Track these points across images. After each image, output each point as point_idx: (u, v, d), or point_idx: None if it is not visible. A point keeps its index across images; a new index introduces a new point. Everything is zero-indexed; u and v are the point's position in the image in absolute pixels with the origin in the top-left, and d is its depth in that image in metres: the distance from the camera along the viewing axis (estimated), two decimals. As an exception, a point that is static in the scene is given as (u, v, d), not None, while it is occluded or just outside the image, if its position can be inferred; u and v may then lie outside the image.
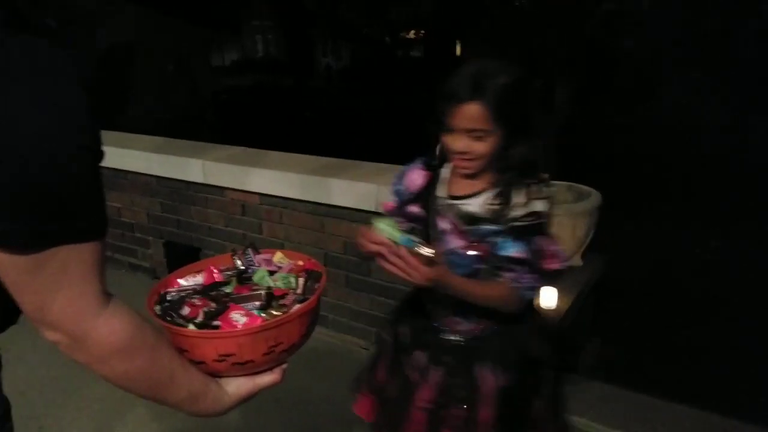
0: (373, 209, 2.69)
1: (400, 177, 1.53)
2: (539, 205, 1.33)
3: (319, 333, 2.91)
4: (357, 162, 3.05)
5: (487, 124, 1.28)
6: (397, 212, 1.52)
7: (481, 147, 1.32)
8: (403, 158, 2.96)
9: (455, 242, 1.39)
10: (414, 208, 1.49)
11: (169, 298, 1.01)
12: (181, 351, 0.90)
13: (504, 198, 1.34)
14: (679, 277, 3.45)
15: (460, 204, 1.40)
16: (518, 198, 1.34)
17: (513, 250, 1.33)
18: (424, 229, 1.46)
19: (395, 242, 1.23)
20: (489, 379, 1.43)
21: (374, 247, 1.26)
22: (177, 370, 0.87)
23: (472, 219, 1.37)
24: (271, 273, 1.08)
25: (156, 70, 6.14)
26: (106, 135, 0.74)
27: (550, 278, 1.37)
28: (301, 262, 1.12)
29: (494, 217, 1.35)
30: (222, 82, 8.43)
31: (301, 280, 1.05)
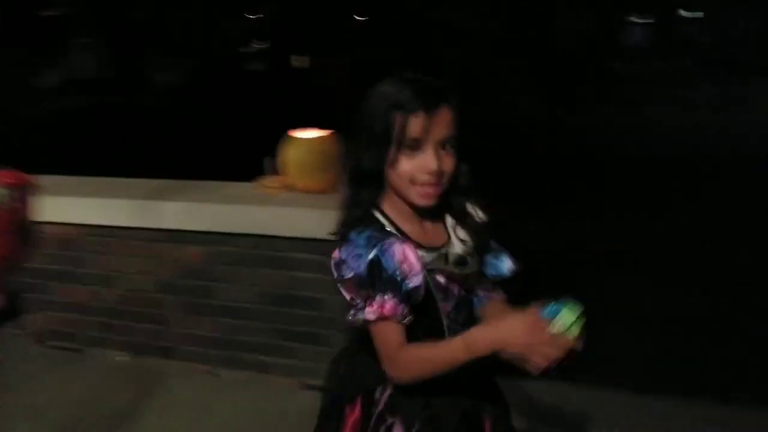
0: (211, 230, 2.61)
1: (385, 268, 1.12)
2: (484, 215, 1.28)
3: (161, 364, 2.77)
4: (191, 182, 2.94)
5: (456, 131, 1.14)
6: (406, 309, 1.14)
7: (451, 162, 1.15)
8: (238, 174, 2.92)
9: (456, 291, 1.22)
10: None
11: None
12: None
13: (468, 221, 1.25)
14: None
15: (445, 251, 1.21)
16: (477, 215, 1.27)
17: (507, 265, 1.28)
18: (426, 299, 1.18)
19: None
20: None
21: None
22: None
23: (460, 259, 1.22)
24: None
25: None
26: None
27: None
28: None
29: (477, 244, 1.25)
30: (38, 106, 7.75)
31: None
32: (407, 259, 1.13)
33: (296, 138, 2.62)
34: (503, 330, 1.07)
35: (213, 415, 2.45)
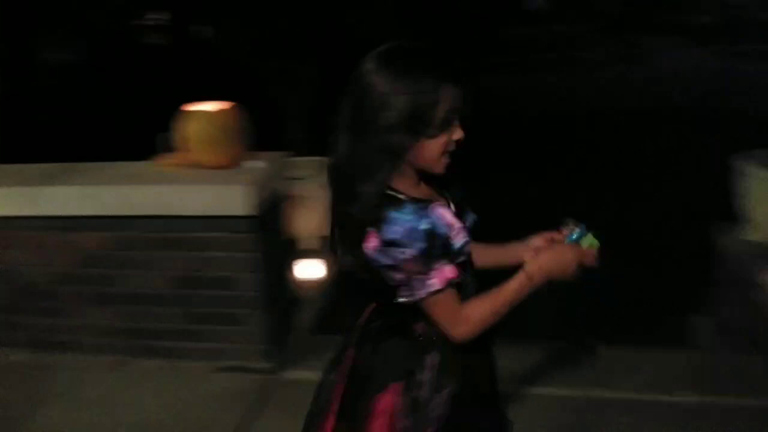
0: (108, 214, 2.47)
1: (439, 234, 1.13)
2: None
3: (62, 359, 2.61)
4: (83, 164, 2.77)
5: None
6: (461, 270, 1.20)
7: None
8: (134, 153, 2.76)
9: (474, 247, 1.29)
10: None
11: None
12: None
13: (448, 182, 1.29)
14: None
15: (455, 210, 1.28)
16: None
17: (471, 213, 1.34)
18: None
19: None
20: None
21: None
22: None
23: (459, 215, 1.26)
24: None
25: None
26: None
27: None
28: None
29: (458, 201, 1.30)
30: None
31: None
32: (450, 220, 1.17)
33: (198, 112, 2.49)
34: (555, 260, 1.24)
35: (124, 408, 2.34)
